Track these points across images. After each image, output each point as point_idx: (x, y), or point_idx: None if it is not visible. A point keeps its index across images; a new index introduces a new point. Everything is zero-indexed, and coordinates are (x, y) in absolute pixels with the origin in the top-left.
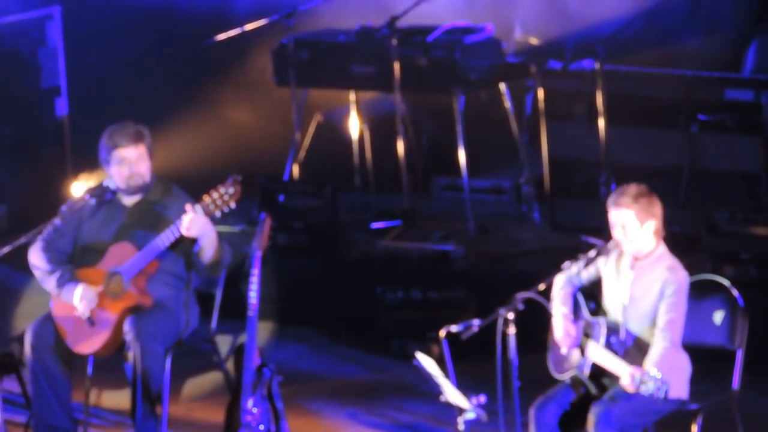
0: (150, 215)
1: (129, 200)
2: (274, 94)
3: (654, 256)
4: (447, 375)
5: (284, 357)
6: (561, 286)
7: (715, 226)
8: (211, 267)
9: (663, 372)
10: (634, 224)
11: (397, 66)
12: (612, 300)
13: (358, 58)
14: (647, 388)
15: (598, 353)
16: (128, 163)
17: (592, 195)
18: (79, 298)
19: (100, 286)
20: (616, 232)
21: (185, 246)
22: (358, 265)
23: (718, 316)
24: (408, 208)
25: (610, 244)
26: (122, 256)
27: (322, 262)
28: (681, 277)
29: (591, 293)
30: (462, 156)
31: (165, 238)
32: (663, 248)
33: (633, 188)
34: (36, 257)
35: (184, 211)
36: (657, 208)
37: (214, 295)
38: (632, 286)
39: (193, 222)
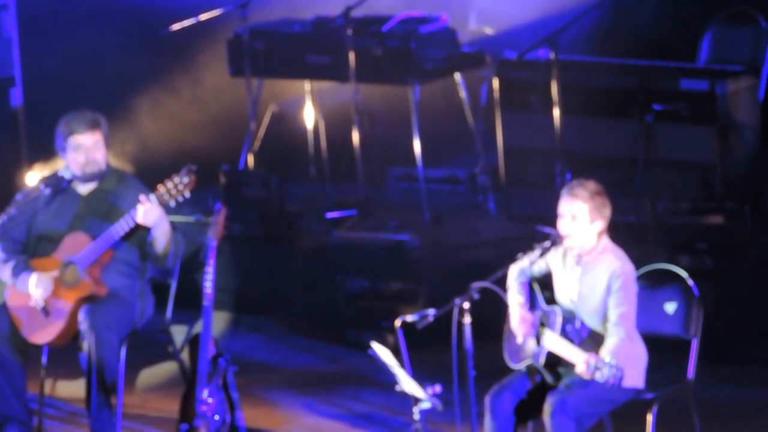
0: (104, 204)
1: (83, 189)
2: (229, 84)
3: (598, 251)
4: (402, 365)
5: (239, 347)
6: (515, 277)
7: (670, 216)
8: (163, 257)
9: (618, 360)
10: (584, 219)
11: (352, 56)
12: (562, 295)
13: (313, 48)
14: (602, 375)
15: (554, 341)
16: (84, 150)
17: (547, 185)
18: (35, 286)
19: (55, 275)
20: (562, 222)
21: (140, 236)
22: (313, 254)
23: (670, 307)
24: (363, 198)
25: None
26: (77, 246)
27: (277, 252)
28: (627, 270)
29: (545, 283)
30: (417, 146)
31: (119, 228)
32: (606, 241)
33: (593, 184)
34: None
35: (138, 201)
36: (608, 210)
37: (169, 285)
38: (579, 282)
39: (148, 212)
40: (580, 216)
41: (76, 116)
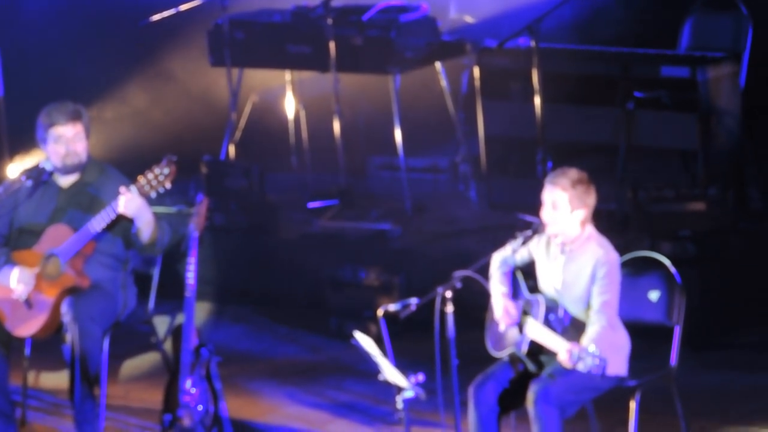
0: (85, 196)
1: (64, 181)
2: (209, 74)
3: (582, 239)
4: (385, 354)
5: (222, 337)
6: (498, 266)
7: (652, 203)
8: (149, 246)
9: (601, 349)
10: (564, 208)
11: (332, 45)
12: (545, 284)
13: (293, 37)
14: (585, 365)
15: (537, 330)
16: (65, 142)
17: (528, 173)
18: (17, 281)
19: (37, 267)
20: (544, 211)
21: (122, 227)
22: (295, 244)
23: (654, 295)
24: (345, 187)
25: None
26: (58, 238)
27: (259, 242)
28: (611, 258)
29: (529, 272)
30: (398, 135)
31: (101, 220)
32: (591, 229)
33: (574, 172)
34: None
35: (118, 192)
36: (591, 198)
37: (151, 276)
38: (563, 270)
39: (129, 203)
40: (561, 204)
41: (57, 107)
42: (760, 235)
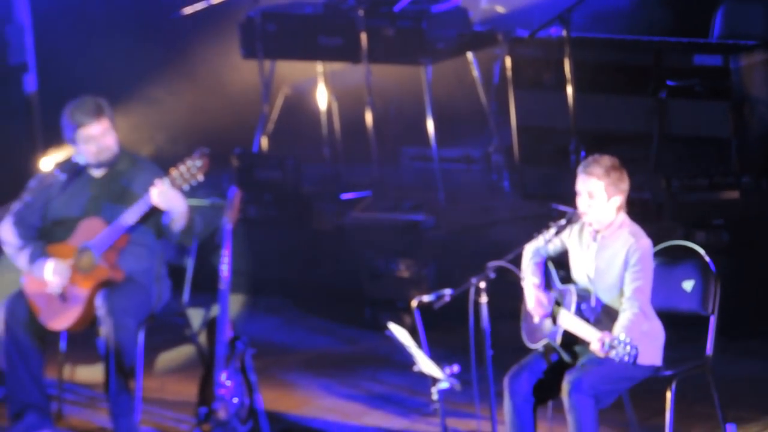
0: (117, 187)
1: (97, 173)
2: (241, 66)
3: (615, 226)
4: (420, 345)
5: (257, 329)
6: (530, 257)
7: (685, 192)
8: (183, 235)
9: (632, 337)
10: (601, 196)
11: (364, 37)
12: (578, 272)
13: (325, 29)
14: (617, 354)
15: (569, 320)
16: (94, 140)
17: (561, 163)
18: (52, 274)
19: (72, 260)
20: (580, 200)
21: (155, 218)
22: (328, 236)
23: (688, 285)
24: (378, 178)
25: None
26: (92, 231)
27: (292, 233)
28: (644, 245)
29: (561, 262)
30: (431, 126)
31: (134, 212)
32: (624, 217)
33: (607, 159)
34: (7, 233)
35: (151, 184)
36: (625, 184)
37: (185, 268)
38: (596, 258)
39: (162, 195)
40: (598, 193)
41: (79, 107)
42: None
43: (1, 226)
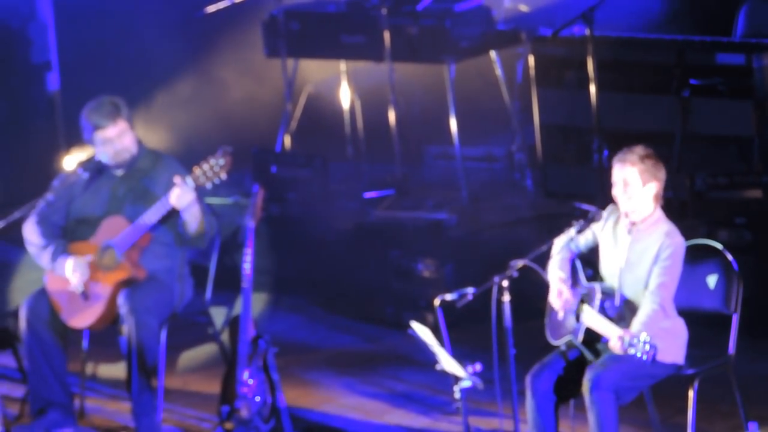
0: (139, 187)
1: (119, 172)
2: (264, 65)
3: (651, 221)
4: (442, 343)
5: (279, 328)
6: (558, 251)
7: (708, 191)
8: (195, 239)
9: (650, 334)
10: (636, 182)
11: (387, 35)
12: (609, 265)
13: (348, 28)
14: (636, 350)
15: (592, 317)
16: (111, 142)
17: (584, 161)
18: (72, 270)
19: (91, 256)
20: (616, 190)
21: (177, 218)
22: (351, 234)
23: (712, 280)
24: (400, 177)
25: (604, 212)
26: (114, 230)
27: (315, 232)
28: (677, 242)
29: (588, 260)
30: (453, 124)
31: (155, 212)
32: (660, 213)
33: (641, 148)
34: (30, 232)
35: (173, 183)
36: (661, 172)
37: (208, 267)
38: (629, 250)
39: (181, 196)
40: (632, 180)
41: (95, 109)
42: None
43: (24, 225)
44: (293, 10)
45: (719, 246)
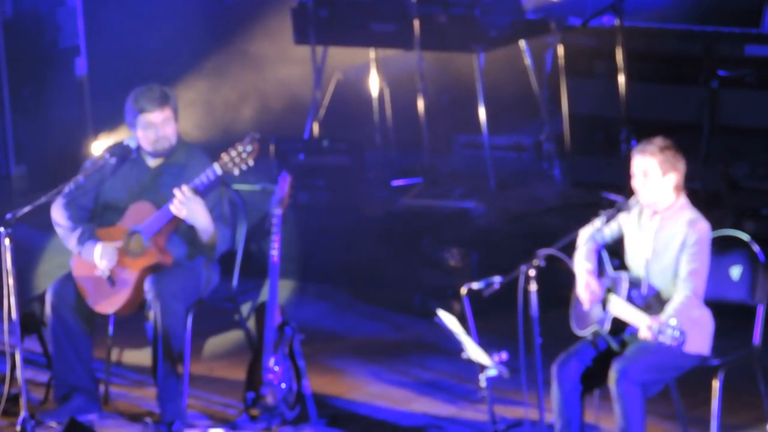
0: (169, 179)
1: (153, 161)
2: (293, 52)
3: (675, 208)
4: (469, 332)
5: (306, 315)
6: (584, 242)
7: (736, 182)
8: (206, 249)
9: (682, 321)
10: (655, 173)
11: (416, 24)
12: (635, 255)
13: (377, 15)
14: (665, 338)
15: (619, 306)
16: (155, 127)
17: (612, 151)
18: (100, 256)
19: (119, 242)
20: (636, 181)
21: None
22: (379, 222)
23: (736, 271)
24: (429, 165)
25: (632, 201)
26: (142, 215)
27: (343, 219)
28: (702, 228)
29: (615, 251)
30: (482, 113)
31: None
32: (684, 200)
33: (660, 140)
34: (58, 214)
35: (201, 173)
36: (681, 163)
37: (235, 253)
38: (655, 239)
39: (178, 207)
40: (652, 170)
41: (145, 93)
42: None
43: (53, 207)
44: None
45: (746, 237)
